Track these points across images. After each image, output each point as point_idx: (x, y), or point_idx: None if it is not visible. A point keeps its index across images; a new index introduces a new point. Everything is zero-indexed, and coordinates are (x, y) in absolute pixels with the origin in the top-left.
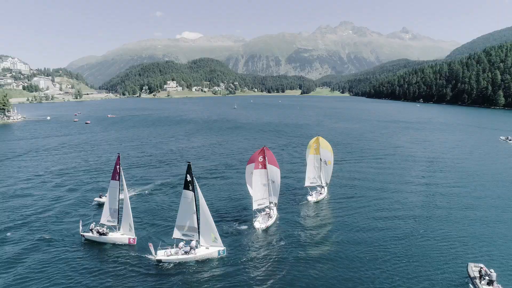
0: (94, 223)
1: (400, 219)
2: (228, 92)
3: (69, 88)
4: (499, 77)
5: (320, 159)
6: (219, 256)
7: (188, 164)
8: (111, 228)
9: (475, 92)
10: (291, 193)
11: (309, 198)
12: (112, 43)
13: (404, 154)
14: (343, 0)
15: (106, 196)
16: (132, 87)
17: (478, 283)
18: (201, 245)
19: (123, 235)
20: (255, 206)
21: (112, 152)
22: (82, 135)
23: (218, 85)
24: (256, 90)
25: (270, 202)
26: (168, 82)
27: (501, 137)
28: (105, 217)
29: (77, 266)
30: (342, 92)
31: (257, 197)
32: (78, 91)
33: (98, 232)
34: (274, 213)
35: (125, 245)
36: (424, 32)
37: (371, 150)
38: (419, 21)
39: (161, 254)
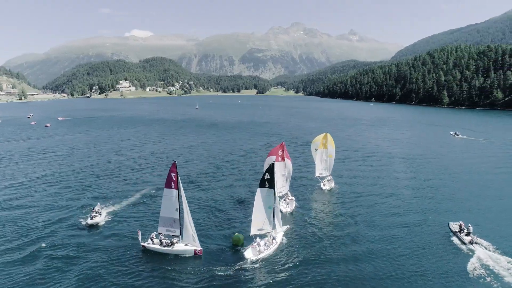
0: (154, 233)
1: (393, 205)
2: (184, 92)
3: (10, 88)
4: (443, 78)
5: (327, 153)
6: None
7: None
8: (172, 238)
9: (422, 92)
10: (304, 183)
11: (323, 187)
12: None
13: (378, 151)
14: (294, 2)
15: (99, 214)
16: (81, 87)
17: (460, 235)
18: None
19: (187, 245)
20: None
21: (92, 156)
22: (47, 139)
23: (173, 85)
24: (211, 90)
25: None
26: (120, 81)
27: (450, 132)
28: (163, 228)
29: (142, 279)
30: (297, 92)
31: (279, 186)
32: (23, 92)
33: (161, 242)
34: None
35: (190, 256)
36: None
37: (350, 148)
38: (365, 24)
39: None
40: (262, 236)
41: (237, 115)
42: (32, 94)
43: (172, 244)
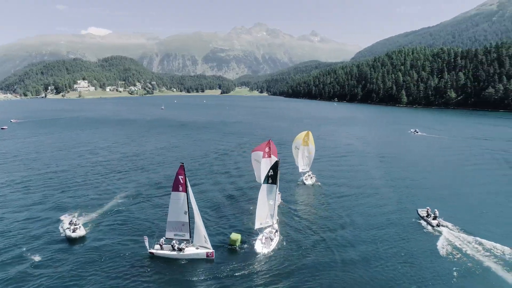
0: (163, 238)
1: (364, 196)
2: (146, 92)
3: None
4: (401, 78)
5: (309, 150)
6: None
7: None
8: (182, 243)
9: (382, 91)
10: (287, 178)
11: (306, 182)
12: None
13: (349, 148)
14: (257, 3)
15: (79, 226)
16: (35, 86)
17: (428, 219)
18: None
19: (198, 249)
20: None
21: (60, 159)
22: (7, 142)
23: (134, 85)
24: (175, 90)
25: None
26: (78, 81)
27: (410, 130)
28: (171, 232)
29: None
30: (261, 92)
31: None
32: None
33: (172, 248)
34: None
35: (202, 259)
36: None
37: (323, 147)
38: (326, 25)
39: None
40: (263, 229)
41: (206, 115)
42: None
43: (181, 249)
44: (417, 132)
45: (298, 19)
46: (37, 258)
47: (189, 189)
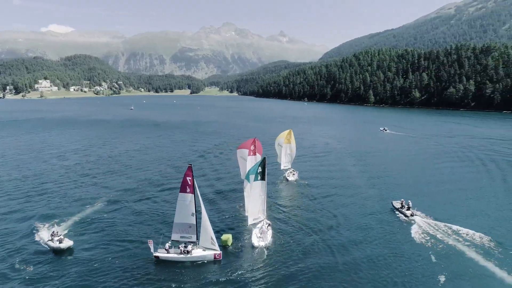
0: (169, 242)
1: (341, 194)
2: (112, 92)
3: None
4: (368, 78)
5: (291, 148)
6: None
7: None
8: (189, 245)
9: (350, 91)
10: (271, 173)
11: (289, 178)
12: None
13: (324, 146)
14: (225, 2)
15: (63, 237)
16: None
17: (402, 210)
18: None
19: (205, 250)
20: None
21: (30, 163)
22: None
23: (100, 85)
24: (142, 90)
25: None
26: (39, 81)
27: (380, 128)
28: (177, 234)
29: None
30: (231, 92)
31: None
32: None
33: (181, 250)
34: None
35: (209, 261)
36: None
37: (300, 145)
38: (294, 26)
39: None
40: (256, 225)
41: (178, 115)
42: None
43: (188, 251)
44: (386, 130)
45: (266, 20)
46: (25, 275)
47: (197, 190)
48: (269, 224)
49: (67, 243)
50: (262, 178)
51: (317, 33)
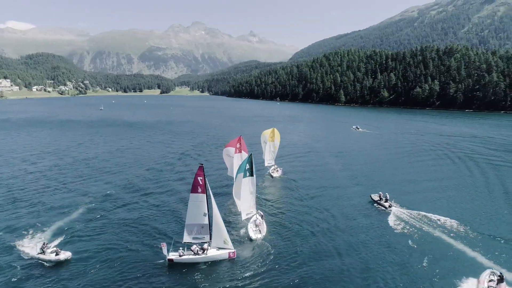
0: (183, 248)
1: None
2: (78, 92)
3: None
4: (339, 78)
5: (274, 145)
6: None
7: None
8: (203, 244)
9: (321, 91)
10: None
11: (273, 174)
12: None
13: (302, 145)
14: (194, 1)
15: (60, 250)
16: None
17: (380, 202)
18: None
19: (219, 250)
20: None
21: (6, 168)
22: None
23: (65, 84)
24: (110, 89)
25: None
26: None
27: (352, 127)
28: (189, 236)
29: None
30: (202, 92)
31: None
32: None
33: (196, 251)
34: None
35: (224, 260)
36: (268, 37)
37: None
38: (264, 26)
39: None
40: (249, 219)
41: (152, 116)
42: None
43: (204, 250)
44: (358, 129)
45: (236, 19)
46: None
47: (209, 189)
48: (262, 216)
49: (65, 254)
50: (251, 174)
51: (287, 33)
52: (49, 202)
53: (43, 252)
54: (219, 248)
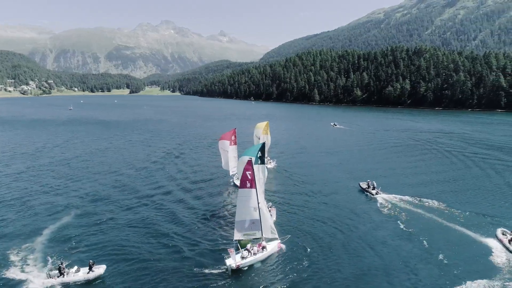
0: (242, 251)
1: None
2: (42, 91)
3: None
4: (312, 78)
5: (268, 138)
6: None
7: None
8: (261, 241)
9: (295, 90)
10: None
11: (268, 166)
12: None
13: (288, 141)
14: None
15: (94, 267)
16: None
17: (368, 190)
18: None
19: (269, 243)
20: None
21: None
22: None
23: (27, 84)
24: (76, 89)
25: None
26: None
27: (331, 123)
28: (240, 233)
29: None
30: (173, 91)
31: (232, 166)
32: None
33: (257, 250)
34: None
35: (275, 253)
36: (239, 37)
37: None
38: (234, 26)
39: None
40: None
41: (125, 115)
42: None
43: (264, 247)
44: (336, 125)
45: (206, 19)
46: None
47: (257, 184)
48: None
49: (98, 271)
50: (262, 162)
51: (258, 33)
52: (39, 209)
53: (62, 275)
54: (268, 241)
